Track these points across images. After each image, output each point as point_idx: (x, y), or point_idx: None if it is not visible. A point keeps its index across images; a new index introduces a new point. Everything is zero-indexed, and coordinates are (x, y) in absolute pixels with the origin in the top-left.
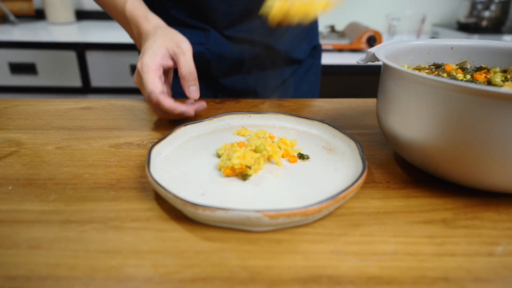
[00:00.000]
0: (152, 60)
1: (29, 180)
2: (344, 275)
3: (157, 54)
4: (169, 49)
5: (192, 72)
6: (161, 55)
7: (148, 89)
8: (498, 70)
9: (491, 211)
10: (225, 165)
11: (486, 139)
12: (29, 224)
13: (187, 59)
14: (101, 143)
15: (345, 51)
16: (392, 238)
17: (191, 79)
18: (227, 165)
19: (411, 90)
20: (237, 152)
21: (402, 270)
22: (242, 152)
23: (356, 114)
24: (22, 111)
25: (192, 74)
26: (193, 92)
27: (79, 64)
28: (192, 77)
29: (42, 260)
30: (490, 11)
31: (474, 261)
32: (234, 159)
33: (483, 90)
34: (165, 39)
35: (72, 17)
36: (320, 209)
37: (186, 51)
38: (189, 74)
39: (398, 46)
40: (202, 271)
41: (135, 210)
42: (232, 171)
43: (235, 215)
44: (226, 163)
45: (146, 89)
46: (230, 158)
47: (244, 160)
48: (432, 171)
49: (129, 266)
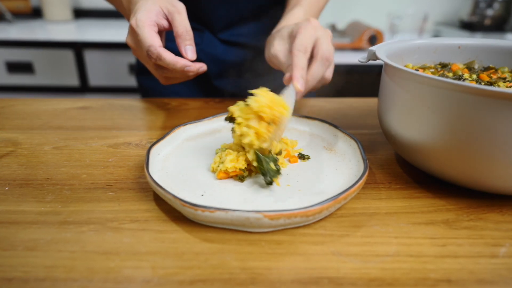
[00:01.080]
0: (147, 16)
1: (26, 181)
2: (345, 277)
3: (151, 11)
4: (163, 7)
5: (188, 31)
6: (155, 12)
7: (146, 44)
8: (506, 70)
9: (494, 212)
10: (218, 168)
11: (490, 140)
12: (26, 225)
13: (183, 18)
14: (99, 143)
15: (346, 50)
16: (393, 239)
17: (187, 38)
18: (221, 168)
19: (413, 89)
20: (230, 155)
21: (404, 272)
22: (235, 156)
23: (357, 114)
24: (19, 111)
25: (189, 33)
26: (190, 51)
27: (76, 63)
28: (189, 36)
29: (39, 262)
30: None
31: (477, 262)
32: (227, 163)
33: (485, 90)
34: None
35: (69, 15)
36: (321, 210)
37: (181, 10)
38: (186, 32)
39: (403, 44)
40: (201, 272)
41: (134, 211)
42: (226, 174)
43: (235, 216)
44: (220, 166)
45: (144, 44)
46: (223, 161)
47: (238, 163)
48: (434, 173)
49: (128, 267)
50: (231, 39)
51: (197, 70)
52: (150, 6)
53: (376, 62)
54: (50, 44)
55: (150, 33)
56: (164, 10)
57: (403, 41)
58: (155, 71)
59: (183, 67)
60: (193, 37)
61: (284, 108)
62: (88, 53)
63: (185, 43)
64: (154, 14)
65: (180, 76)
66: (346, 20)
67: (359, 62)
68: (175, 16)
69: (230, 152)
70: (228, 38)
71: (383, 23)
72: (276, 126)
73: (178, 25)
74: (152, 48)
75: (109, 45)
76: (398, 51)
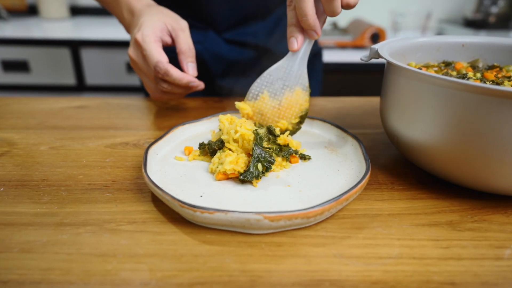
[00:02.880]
0: (153, 32)
1: (22, 182)
2: (347, 279)
3: (156, 28)
4: (167, 24)
5: (191, 48)
6: (160, 29)
7: (154, 59)
8: (511, 68)
9: (499, 213)
10: (217, 169)
11: (495, 140)
12: (22, 227)
13: (186, 35)
14: (96, 143)
15: (348, 48)
16: (396, 241)
17: (190, 55)
18: (219, 169)
19: (416, 88)
20: (230, 156)
21: (407, 275)
22: (234, 158)
23: (359, 113)
24: (15, 110)
25: (191, 50)
26: (191, 68)
27: (73, 61)
28: (191, 53)
29: (35, 264)
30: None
31: (482, 265)
32: (226, 164)
33: (491, 89)
34: (162, 15)
35: (66, 13)
36: (322, 211)
37: (185, 28)
38: (189, 49)
39: (405, 42)
40: (200, 275)
41: (131, 212)
42: (225, 175)
43: (234, 218)
44: (218, 167)
45: (152, 59)
46: (222, 162)
47: (237, 165)
48: (438, 173)
49: (125, 270)
50: (236, 38)
51: (198, 86)
52: (156, 23)
53: (378, 61)
54: (46, 42)
55: (157, 49)
56: (169, 27)
57: (405, 39)
58: (152, 85)
59: (188, 82)
60: (195, 54)
61: None
62: (84, 51)
63: (188, 60)
64: (159, 31)
65: (179, 92)
66: (348, 18)
67: (361, 61)
68: (179, 34)
69: (230, 154)
70: (232, 37)
71: (386, 20)
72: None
73: (181, 42)
74: (160, 64)
75: (106, 43)
76: (400, 49)
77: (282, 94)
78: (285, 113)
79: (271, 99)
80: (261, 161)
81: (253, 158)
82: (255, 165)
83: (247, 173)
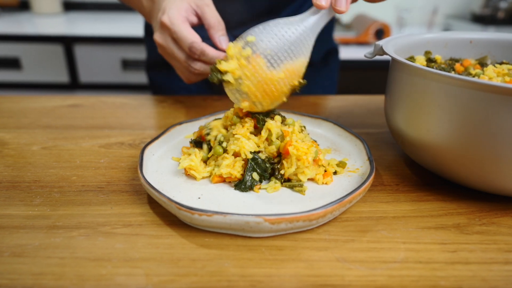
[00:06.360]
0: (179, 13)
1: (13, 183)
2: (351, 284)
3: (181, 8)
4: (191, 3)
5: (220, 21)
6: (185, 9)
7: (188, 40)
8: None
9: (508, 216)
10: (213, 172)
11: (503, 140)
12: (13, 230)
13: (213, 9)
14: (90, 143)
15: (352, 45)
16: (401, 244)
17: (220, 28)
18: (216, 172)
19: (422, 86)
20: (227, 159)
21: (412, 279)
22: (231, 161)
23: (363, 112)
24: (5, 109)
25: (221, 23)
26: (224, 41)
27: (66, 58)
28: (221, 26)
29: (26, 269)
30: (507, 2)
31: (490, 269)
32: (223, 168)
33: (499, 87)
34: None
35: (59, 8)
36: (325, 214)
37: (210, 3)
38: (218, 23)
39: (412, 39)
40: (198, 280)
41: (127, 215)
42: (221, 178)
43: (233, 220)
44: (215, 170)
45: (185, 40)
46: (218, 164)
47: (234, 169)
48: (445, 174)
49: (120, 275)
50: None
51: None
52: (180, 4)
53: (383, 57)
54: (38, 39)
55: (188, 30)
56: (193, 5)
57: (411, 35)
58: (183, 69)
59: None
60: (225, 27)
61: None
62: (78, 48)
63: (219, 33)
64: (184, 11)
65: None
66: (352, 13)
67: (365, 57)
68: (205, 9)
69: (227, 157)
70: None
71: (391, 16)
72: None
73: (209, 17)
74: (195, 44)
75: (100, 39)
76: (406, 46)
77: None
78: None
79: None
80: (256, 170)
81: (248, 166)
82: (250, 174)
83: (241, 183)
